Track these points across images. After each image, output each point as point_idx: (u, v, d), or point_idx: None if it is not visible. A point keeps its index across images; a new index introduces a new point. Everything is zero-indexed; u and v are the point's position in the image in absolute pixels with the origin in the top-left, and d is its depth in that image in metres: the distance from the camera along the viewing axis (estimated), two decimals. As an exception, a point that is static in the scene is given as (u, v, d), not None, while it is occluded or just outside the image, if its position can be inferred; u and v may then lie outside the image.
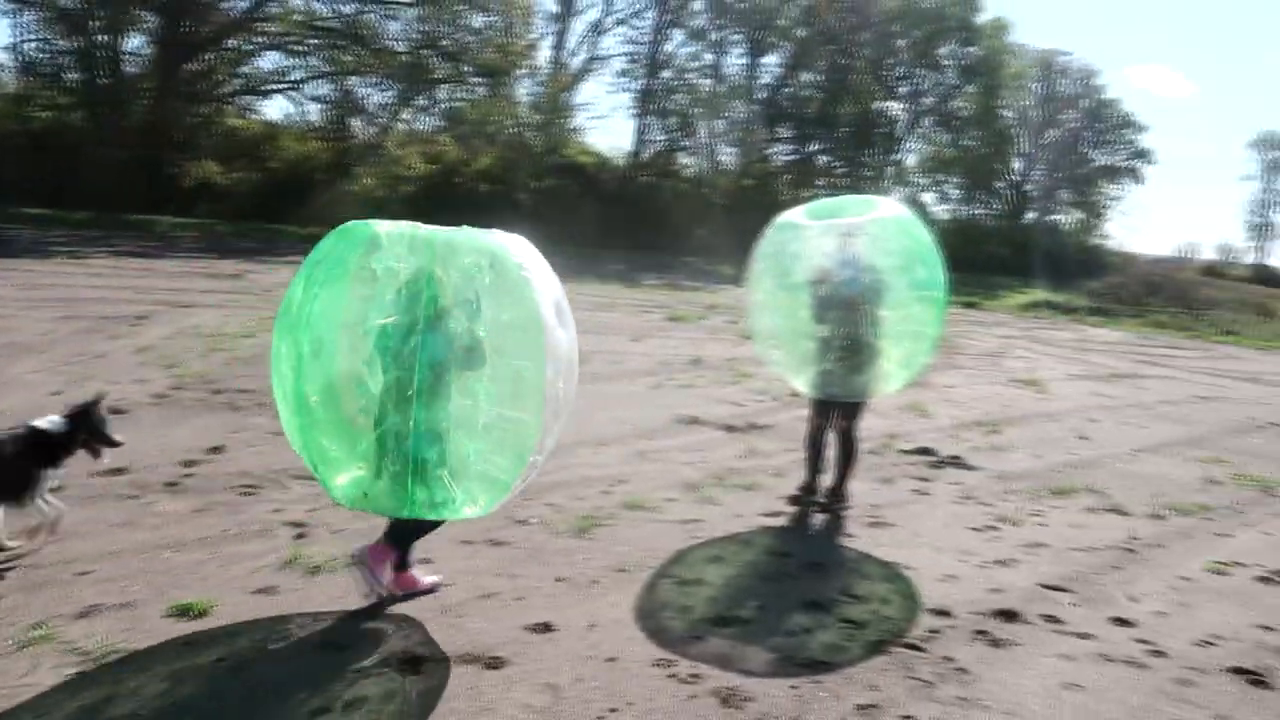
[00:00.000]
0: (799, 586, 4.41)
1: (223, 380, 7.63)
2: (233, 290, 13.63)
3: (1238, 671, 3.89)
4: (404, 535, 3.83)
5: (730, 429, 7.76)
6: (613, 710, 3.15)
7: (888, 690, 3.44)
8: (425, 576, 4.04)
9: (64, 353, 8.15)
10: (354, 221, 3.59)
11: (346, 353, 3.56)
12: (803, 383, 5.75)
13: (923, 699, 3.40)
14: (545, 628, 3.71)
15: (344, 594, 3.87)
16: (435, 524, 3.82)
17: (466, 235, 3.53)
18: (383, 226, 3.49)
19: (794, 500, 5.82)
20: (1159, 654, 3.98)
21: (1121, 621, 4.30)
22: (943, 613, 4.22)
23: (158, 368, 7.92)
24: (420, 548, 4.43)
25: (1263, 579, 5.13)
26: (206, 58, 32.56)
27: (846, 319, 5.33)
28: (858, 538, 5.25)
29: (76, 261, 15.39)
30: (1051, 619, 4.26)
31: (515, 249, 3.57)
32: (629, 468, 6.24)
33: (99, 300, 11.26)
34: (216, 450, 5.75)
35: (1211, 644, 4.15)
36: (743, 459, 6.82)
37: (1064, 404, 10.85)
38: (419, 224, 3.54)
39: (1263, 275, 68.62)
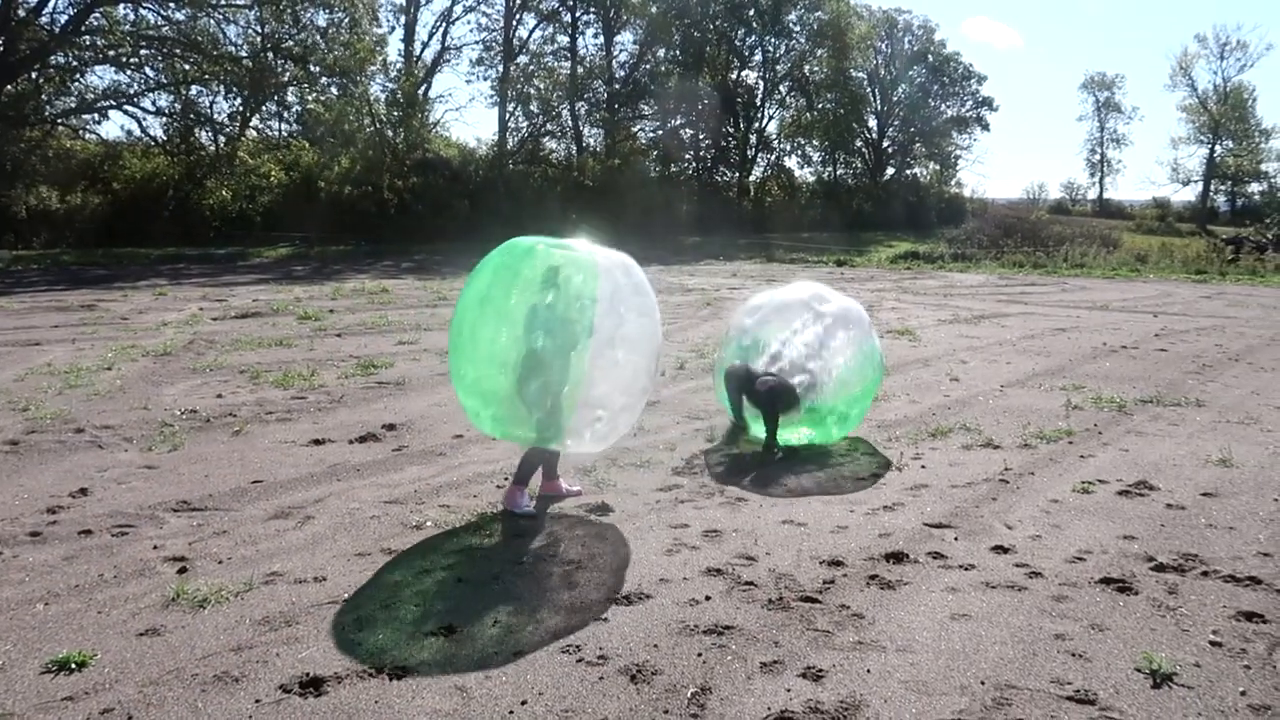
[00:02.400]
0: (697, 556, 4.48)
1: (83, 418, 7.22)
2: (85, 322, 12.88)
3: (1107, 582, 4.16)
4: (525, 469, 5.26)
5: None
6: (523, 703, 3.15)
7: (789, 645, 3.54)
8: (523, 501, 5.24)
9: (-101, 408, 7.55)
10: (515, 239, 5.07)
11: (506, 334, 4.91)
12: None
13: (823, 648, 3.52)
14: (448, 630, 3.67)
15: (236, 624, 3.74)
16: (554, 454, 5.37)
17: (590, 245, 5.06)
18: (537, 241, 4.98)
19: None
20: (1036, 575, 4.23)
21: (1001, 549, 4.55)
22: (836, 563, 4.37)
23: (9, 412, 7.43)
24: (309, 564, 4.32)
25: (1123, 493, 5.49)
26: (29, 77, 30.43)
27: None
28: (750, 502, 5.37)
29: (-95, 308, 14.26)
30: (937, 555, 4.47)
31: (606, 259, 5.03)
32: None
33: (-66, 347, 10.47)
34: (83, 492, 5.44)
35: (1081, 559, 4.43)
36: (634, 437, 6.85)
37: (935, 349, 11.34)
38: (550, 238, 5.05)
39: (1105, 209, 73.14)
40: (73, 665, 3.37)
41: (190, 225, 31.22)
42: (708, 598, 3.98)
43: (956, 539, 4.70)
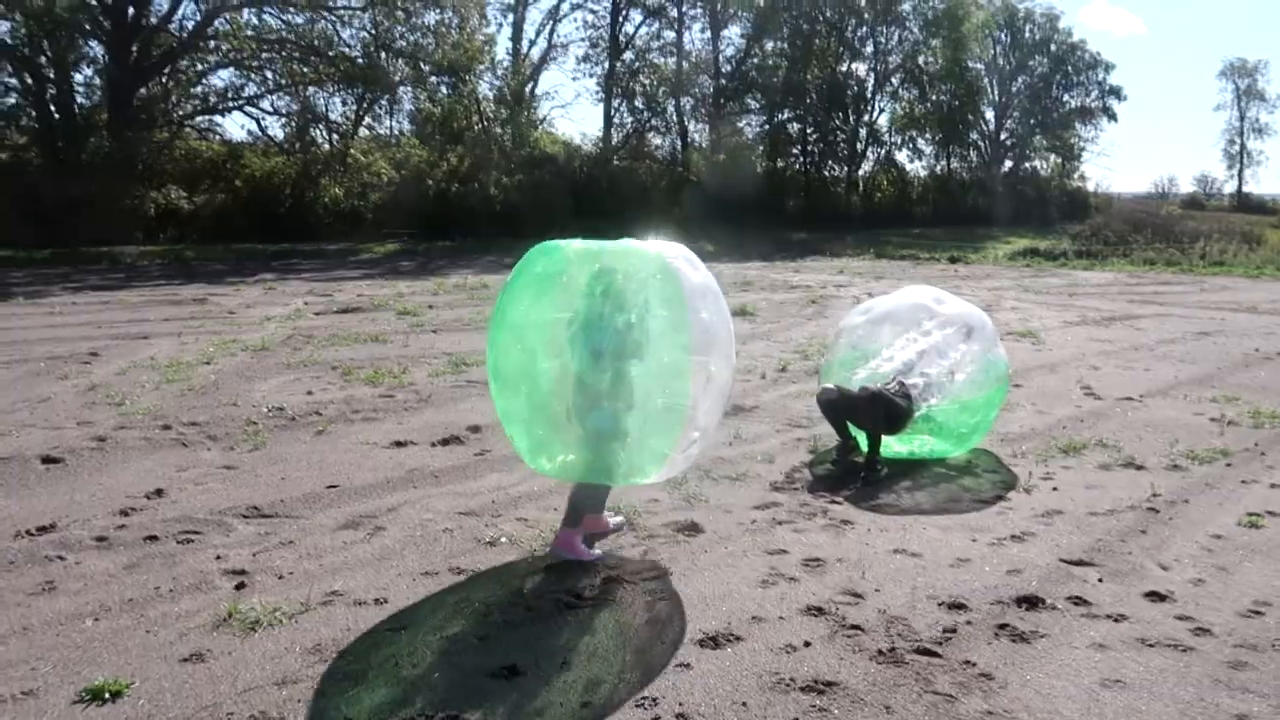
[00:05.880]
0: (796, 590, 3.97)
1: (173, 414, 7.15)
2: (194, 316, 13.11)
3: (1294, 642, 3.47)
4: (577, 507, 4.38)
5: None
6: (588, 769, 2.72)
7: (903, 711, 3.00)
8: (611, 518, 4.71)
9: (5, 400, 7.65)
10: (543, 243, 4.25)
11: (542, 349, 4.22)
12: None
13: (945, 718, 2.97)
14: (511, 672, 3.26)
15: (285, 651, 3.43)
16: (606, 488, 4.49)
17: (636, 245, 4.20)
18: (567, 243, 4.18)
19: (835, 462, 5.94)
20: (1203, 631, 3.56)
21: (1156, 596, 3.88)
22: (958, 606, 3.79)
23: (105, 407, 7.44)
24: (372, 583, 4.00)
25: (1300, 528, 4.72)
26: (160, 81, 31.81)
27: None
28: (857, 525, 4.82)
29: (33, 302, 14.84)
30: (1079, 601, 3.83)
31: (673, 254, 4.19)
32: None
33: (51, 340, 10.75)
34: (158, 494, 5.28)
35: (1259, 613, 3.73)
36: (729, 446, 6.38)
37: (1062, 353, 10.47)
38: (596, 240, 4.23)
39: (1244, 203, 68.43)
40: (107, 694, 3.10)
41: (304, 222, 32.04)
42: (807, 644, 3.46)
43: (1101, 580, 4.04)
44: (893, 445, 5.97)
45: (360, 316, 13.27)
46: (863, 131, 49.37)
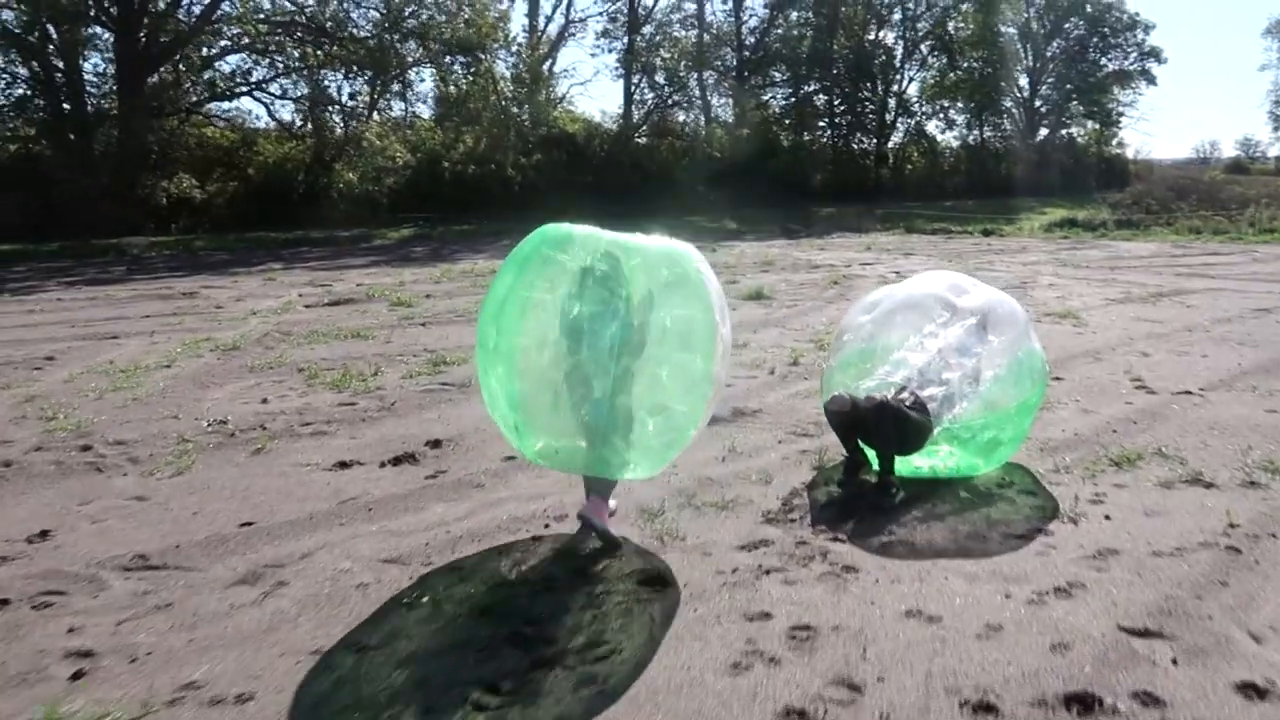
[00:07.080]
0: (775, 678, 3.08)
1: (101, 431, 6.39)
2: (176, 312, 12.41)
3: None
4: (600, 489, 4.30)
5: (711, 420, 6.41)
6: None
7: None
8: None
9: (-68, 415, 6.95)
10: (552, 224, 4.14)
11: (542, 337, 4.11)
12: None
13: None
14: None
15: (96, 781, 2.62)
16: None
17: (648, 238, 4.12)
18: (577, 228, 4.09)
19: (841, 483, 5.01)
20: (1326, 755, 2.64)
21: (1252, 691, 2.93)
22: (986, 707, 2.87)
23: (34, 422, 6.70)
24: (244, 668, 3.16)
25: None
26: (172, 68, 31.20)
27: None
28: (862, 573, 3.91)
29: (18, 299, 14.25)
30: (1149, 700, 2.89)
31: (690, 253, 4.11)
32: (575, 495, 4.89)
33: (14, 343, 10.07)
34: (42, 536, 4.50)
35: (1398, 719, 2.79)
36: (721, 462, 5.50)
37: (1107, 336, 9.44)
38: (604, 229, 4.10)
39: (1292, 166, 65.79)
40: None
41: (319, 208, 31.41)
42: (779, 776, 2.59)
43: (1175, 663, 3.11)
44: (911, 460, 5.05)
45: (350, 309, 12.51)
46: (892, 102, 47.89)
